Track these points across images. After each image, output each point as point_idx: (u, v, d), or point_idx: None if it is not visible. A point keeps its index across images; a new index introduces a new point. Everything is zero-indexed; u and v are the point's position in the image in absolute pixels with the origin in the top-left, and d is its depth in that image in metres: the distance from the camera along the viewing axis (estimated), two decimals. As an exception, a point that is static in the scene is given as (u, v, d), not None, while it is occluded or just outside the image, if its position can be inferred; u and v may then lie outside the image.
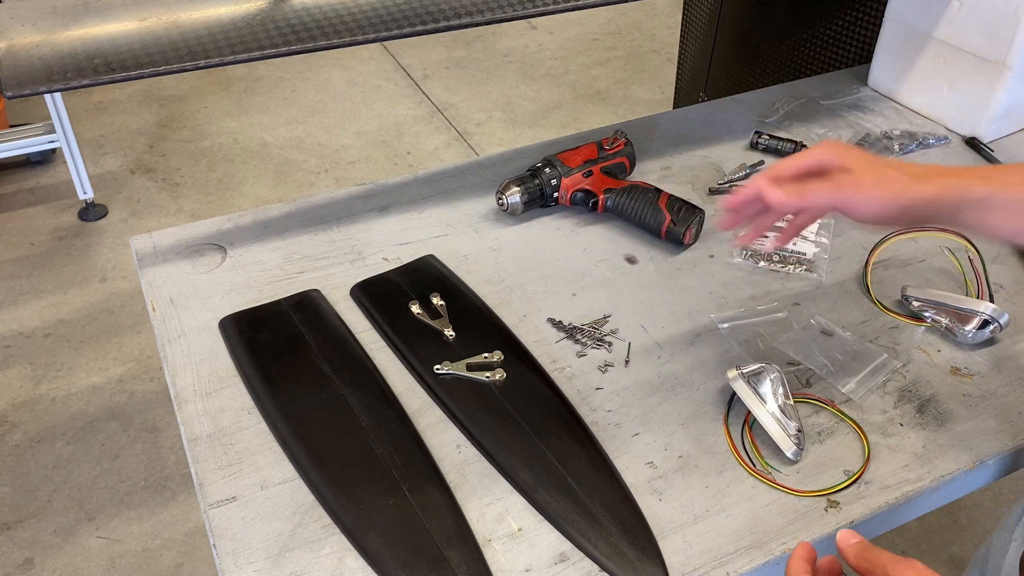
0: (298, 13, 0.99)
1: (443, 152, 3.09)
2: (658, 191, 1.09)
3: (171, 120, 3.22)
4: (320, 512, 0.76)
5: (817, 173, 0.75)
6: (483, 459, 0.81)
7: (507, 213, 1.12)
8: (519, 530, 0.75)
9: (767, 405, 0.82)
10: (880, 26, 1.37)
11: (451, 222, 1.12)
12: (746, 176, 1.21)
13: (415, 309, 0.96)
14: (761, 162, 1.23)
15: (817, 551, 0.77)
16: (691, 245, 1.08)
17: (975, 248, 1.00)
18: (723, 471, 0.80)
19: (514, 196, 1.10)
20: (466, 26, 1.02)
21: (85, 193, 2.67)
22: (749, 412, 0.83)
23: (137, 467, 1.97)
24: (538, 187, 1.11)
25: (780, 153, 1.25)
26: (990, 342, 0.94)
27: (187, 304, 0.98)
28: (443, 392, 0.86)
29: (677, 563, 0.72)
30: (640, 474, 0.80)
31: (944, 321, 0.95)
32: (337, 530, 0.74)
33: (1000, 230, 0.72)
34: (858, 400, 0.87)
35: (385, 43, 3.70)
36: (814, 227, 1.09)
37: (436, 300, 0.97)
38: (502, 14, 1.03)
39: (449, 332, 0.92)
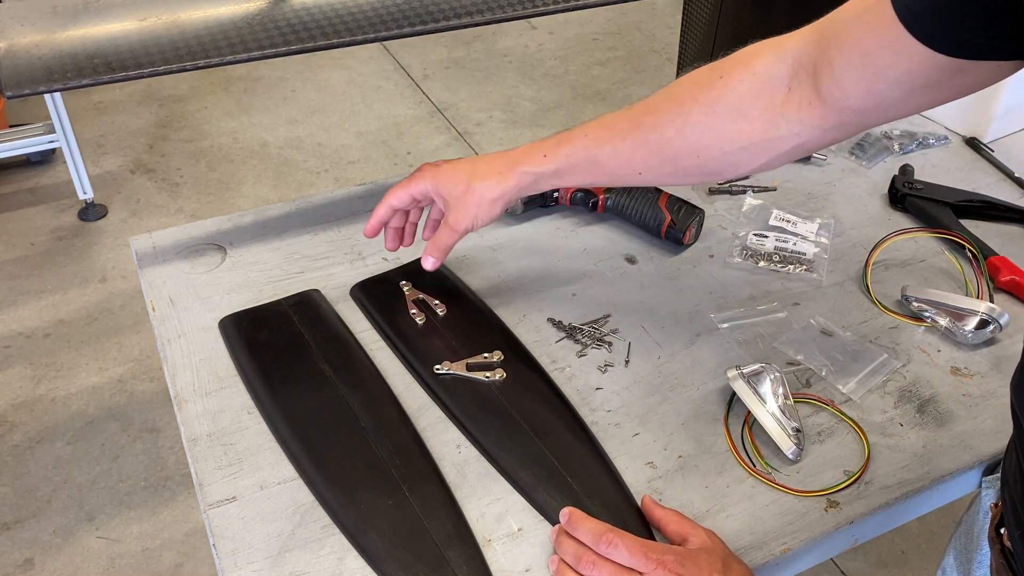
0: (298, 13, 1.00)
1: (443, 152, 3.09)
2: (658, 191, 1.09)
3: (171, 120, 3.22)
4: (320, 512, 0.76)
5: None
6: (483, 459, 0.81)
7: (507, 213, 1.12)
8: (519, 530, 0.75)
9: (767, 405, 0.82)
10: (880, 26, 1.37)
11: (451, 222, 1.12)
12: (746, 176, 1.20)
13: (414, 310, 0.95)
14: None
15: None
16: (691, 245, 1.08)
17: (975, 248, 1.00)
18: (723, 471, 0.80)
19: (514, 196, 1.10)
20: (466, 26, 1.03)
21: (85, 193, 2.67)
22: (749, 412, 0.83)
23: (137, 467, 1.97)
24: (538, 187, 1.10)
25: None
26: (990, 342, 0.94)
27: (187, 304, 0.98)
28: (443, 392, 0.86)
29: (677, 563, 0.72)
30: (640, 474, 0.80)
31: (944, 321, 0.95)
32: (337, 530, 0.74)
33: (579, 185, 0.89)
34: (858, 400, 0.87)
35: (385, 43, 3.71)
36: (814, 227, 1.09)
37: (436, 300, 0.97)
38: (502, 14, 1.03)
39: (425, 316, 0.95)
